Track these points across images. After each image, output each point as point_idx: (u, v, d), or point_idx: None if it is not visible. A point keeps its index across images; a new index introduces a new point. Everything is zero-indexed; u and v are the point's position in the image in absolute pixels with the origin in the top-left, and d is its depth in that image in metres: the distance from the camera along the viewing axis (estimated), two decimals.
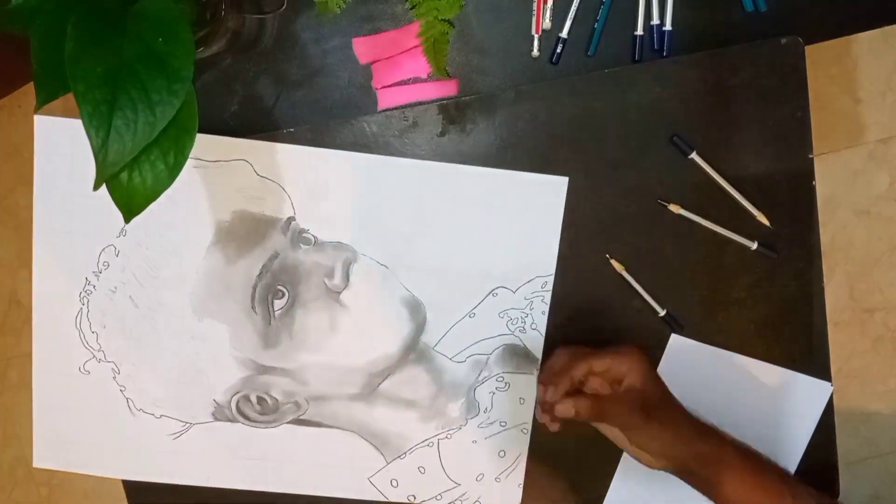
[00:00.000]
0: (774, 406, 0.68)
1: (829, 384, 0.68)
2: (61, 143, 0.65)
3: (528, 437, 0.69)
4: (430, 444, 0.69)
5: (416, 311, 0.67)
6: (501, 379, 0.68)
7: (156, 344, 0.68)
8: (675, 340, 0.68)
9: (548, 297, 0.67)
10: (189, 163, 0.64)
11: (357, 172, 0.66)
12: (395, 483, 0.69)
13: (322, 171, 0.66)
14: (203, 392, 0.69)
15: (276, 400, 0.68)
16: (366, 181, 0.66)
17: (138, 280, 0.67)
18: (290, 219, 0.66)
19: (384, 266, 0.67)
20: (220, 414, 0.69)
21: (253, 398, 0.68)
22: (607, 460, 0.69)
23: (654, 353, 0.68)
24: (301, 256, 0.67)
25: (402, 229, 0.67)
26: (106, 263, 0.67)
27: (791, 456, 0.69)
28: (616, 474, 0.69)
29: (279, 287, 0.67)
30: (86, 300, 0.67)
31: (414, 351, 0.68)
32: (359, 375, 0.68)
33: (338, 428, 0.69)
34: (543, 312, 0.67)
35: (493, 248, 0.67)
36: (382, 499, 0.70)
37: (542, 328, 0.67)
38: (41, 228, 0.67)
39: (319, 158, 0.65)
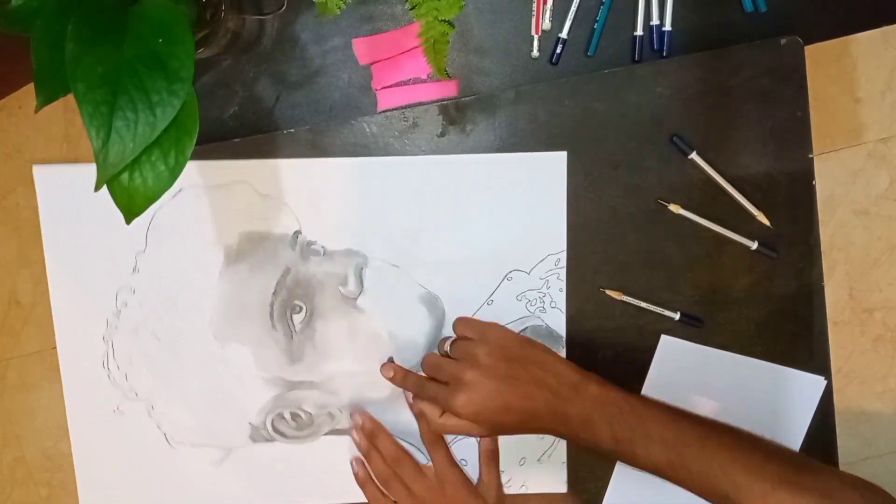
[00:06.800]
0: (768, 403, 0.68)
1: (823, 378, 0.68)
2: (62, 191, 0.66)
3: None
4: (466, 436, 0.69)
5: (434, 306, 0.67)
6: None
7: (184, 375, 0.68)
8: (665, 341, 0.68)
9: (563, 273, 0.67)
10: (189, 191, 0.65)
11: (355, 177, 0.66)
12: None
13: (320, 180, 0.66)
14: (237, 416, 0.69)
15: (310, 413, 0.68)
16: (365, 184, 0.66)
17: (157, 314, 0.67)
18: (297, 233, 0.66)
19: (396, 266, 0.67)
20: (257, 436, 0.69)
21: (287, 415, 0.68)
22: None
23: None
24: (313, 268, 0.67)
25: (409, 227, 0.67)
26: (124, 303, 0.67)
27: None
28: (614, 473, 0.69)
29: (296, 302, 0.67)
30: (110, 342, 0.68)
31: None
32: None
33: None
34: (561, 290, 0.67)
35: (502, 233, 0.66)
36: None
37: (563, 305, 0.67)
38: (56, 279, 0.67)
39: (316, 169, 0.66)
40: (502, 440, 0.69)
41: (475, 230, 0.67)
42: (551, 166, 0.66)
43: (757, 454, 0.54)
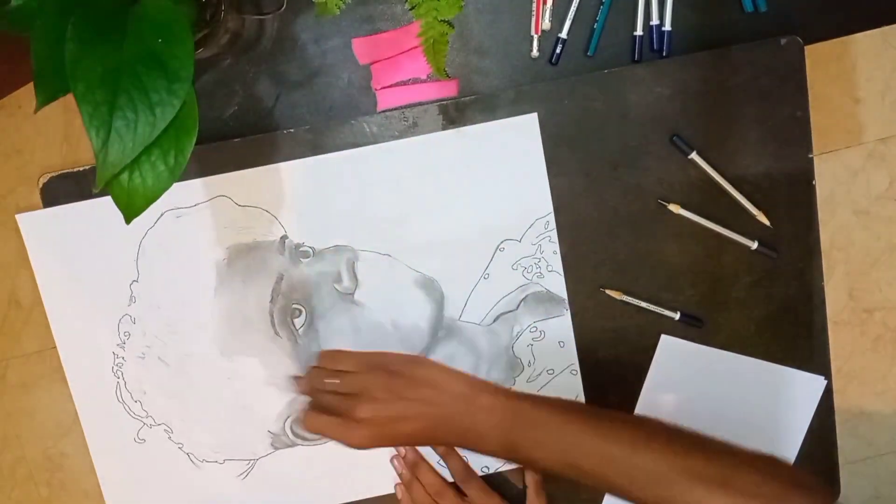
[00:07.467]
0: (768, 403, 0.68)
1: (823, 378, 0.68)
2: (48, 234, 0.67)
3: (579, 378, 0.68)
4: None
5: (432, 288, 0.67)
6: (535, 329, 0.68)
7: (197, 395, 0.68)
8: (665, 341, 0.68)
9: (554, 236, 0.66)
10: (170, 214, 0.66)
11: (330, 173, 0.66)
12: (465, 460, 0.69)
13: (297, 182, 0.66)
14: (256, 426, 0.69)
15: None
16: (341, 179, 0.66)
17: (161, 340, 0.68)
18: (283, 237, 0.67)
19: (387, 255, 0.67)
20: (278, 442, 0.69)
21: None
22: None
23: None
24: (305, 270, 0.67)
25: (392, 214, 0.67)
26: (127, 333, 0.68)
27: (787, 453, 0.69)
28: None
29: (294, 306, 0.67)
30: (119, 373, 0.68)
31: (441, 328, 0.68)
32: None
33: None
34: (555, 252, 0.67)
35: (486, 205, 0.66)
36: None
37: (559, 268, 0.67)
38: (57, 320, 0.68)
39: (290, 172, 0.66)
40: None
41: (460, 206, 0.67)
42: (524, 130, 0.65)
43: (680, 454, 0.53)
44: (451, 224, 0.67)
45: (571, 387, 0.68)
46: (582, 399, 0.68)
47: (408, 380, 0.59)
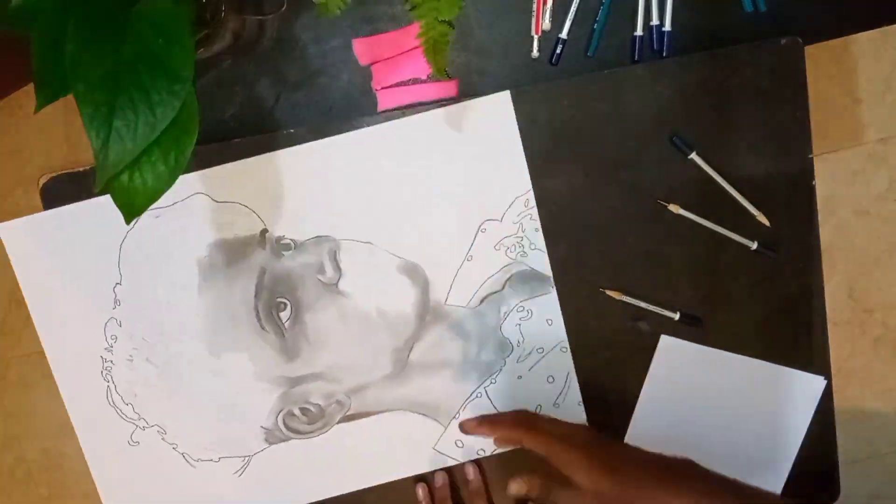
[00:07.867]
0: (768, 403, 0.68)
1: (823, 378, 0.68)
2: (30, 242, 0.67)
3: (569, 354, 0.68)
4: (480, 395, 0.69)
5: (415, 273, 0.67)
6: (522, 308, 0.67)
7: (188, 394, 0.68)
8: (665, 341, 0.68)
9: (535, 213, 0.66)
10: (148, 215, 0.66)
11: (304, 165, 0.66)
12: (459, 444, 0.69)
13: (272, 175, 0.66)
14: (249, 423, 0.69)
15: (319, 405, 0.69)
16: (316, 170, 0.66)
17: (148, 341, 0.68)
18: (263, 231, 0.67)
19: (368, 243, 0.67)
20: (272, 437, 0.69)
21: (296, 411, 0.69)
22: None
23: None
24: (287, 263, 0.67)
25: (370, 202, 0.66)
26: (114, 337, 0.68)
27: (787, 452, 0.69)
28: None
29: (279, 299, 0.67)
30: (109, 377, 0.68)
31: (428, 313, 0.68)
32: (385, 355, 0.68)
33: (387, 411, 0.69)
34: (536, 230, 0.66)
35: (464, 187, 0.66)
36: (454, 462, 0.70)
37: (542, 245, 0.67)
38: (44, 327, 0.68)
39: (265, 165, 0.66)
40: (513, 390, 0.68)
41: (438, 189, 0.66)
42: (497, 108, 0.65)
43: None
44: (430, 207, 0.66)
45: (562, 364, 0.68)
46: (578, 396, 0.68)
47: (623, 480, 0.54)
